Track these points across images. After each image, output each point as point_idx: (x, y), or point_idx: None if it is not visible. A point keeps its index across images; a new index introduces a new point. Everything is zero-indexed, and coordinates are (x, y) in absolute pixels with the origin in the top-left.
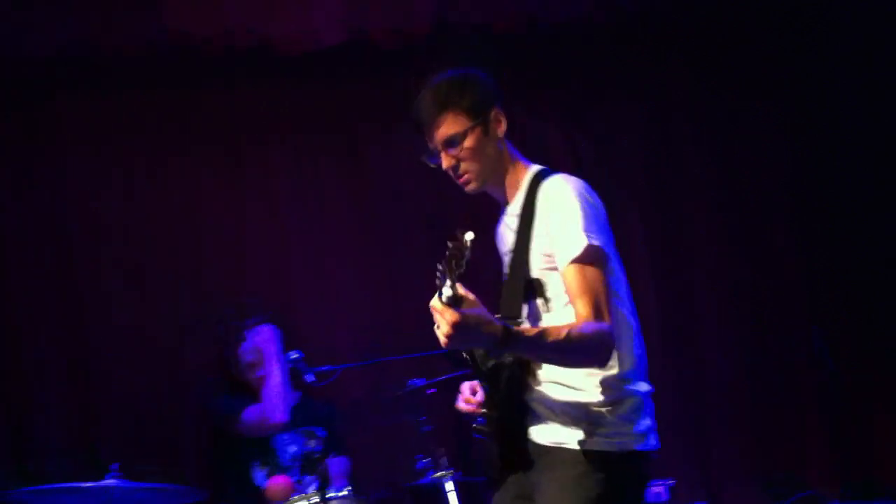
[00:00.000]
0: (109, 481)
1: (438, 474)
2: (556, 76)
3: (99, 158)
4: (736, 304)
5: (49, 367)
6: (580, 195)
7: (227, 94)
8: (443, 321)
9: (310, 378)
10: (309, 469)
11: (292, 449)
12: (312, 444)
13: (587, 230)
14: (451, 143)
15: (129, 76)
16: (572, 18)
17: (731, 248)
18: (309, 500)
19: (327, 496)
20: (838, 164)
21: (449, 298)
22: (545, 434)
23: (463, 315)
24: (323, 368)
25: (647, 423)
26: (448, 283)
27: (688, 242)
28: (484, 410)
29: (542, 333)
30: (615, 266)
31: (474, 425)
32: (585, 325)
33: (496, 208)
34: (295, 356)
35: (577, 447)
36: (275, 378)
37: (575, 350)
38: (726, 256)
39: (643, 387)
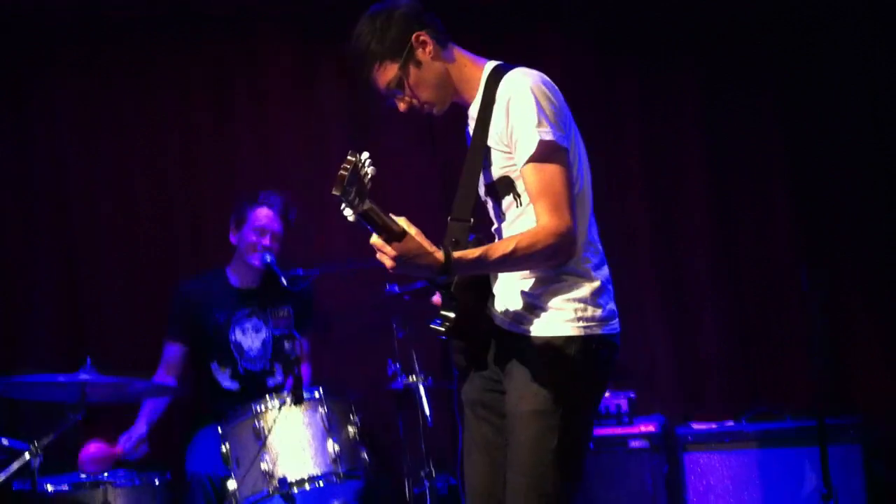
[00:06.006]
0: (83, 375)
1: (411, 379)
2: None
3: (91, 91)
4: (726, 240)
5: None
6: (535, 89)
7: (220, 25)
8: (384, 256)
9: (284, 282)
10: (285, 367)
11: (261, 337)
12: (282, 323)
13: (540, 127)
14: (394, 89)
15: (122, 17)
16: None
17: (722, 194)
18: (283, 401)
19: (301, 396)
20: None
21: (389, 233)
22: (508, 320)
23: (400, 251)
24: (297, 272)
25: (609, 306)
26: (345, 205)
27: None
28: (442, 311)
29: (485, 253)
30: (577, 157)
31: (430, 325)
32: (536, 233)
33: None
34: (269, 258)
35: (542, 334)
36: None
37: (526, 260)
38: (717, 202)
39: (603, 271)
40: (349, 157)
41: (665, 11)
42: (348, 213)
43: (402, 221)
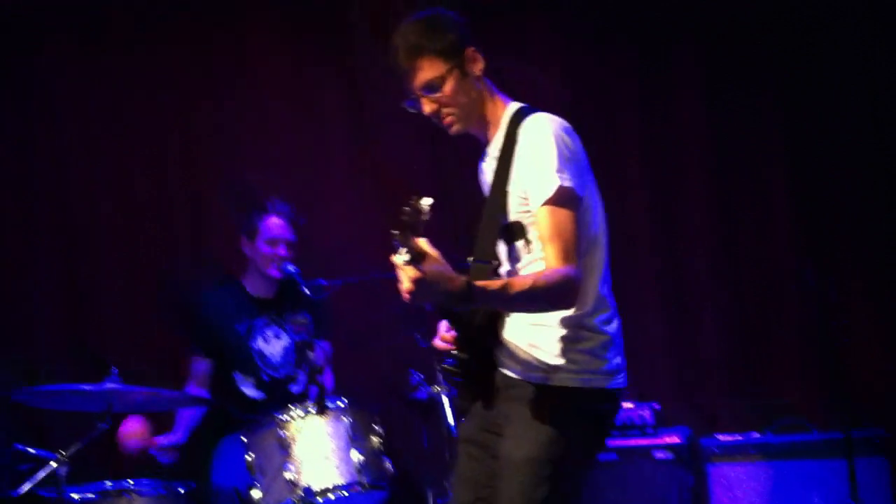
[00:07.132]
0: (109, 384)
1: (434, 389)
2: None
3: (91, 91)
4: (726, 240)
5: (43, 276)
6: (557, 136)
7: (220, 25)
8: (404, 278)
9: (306, 291)
10: (308, 376)
11: (282, 343)
12: (302, 330)
13: (559, 172)
14: (430, 88)
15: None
16: None
17: (722, 194)
18: (307, 410)
19: (325, 406)
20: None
21: (411, 254)
22: (514, 366)
23: (423, 273)
24: (320, 282)
25: (616, 361)
26: (404, 250)
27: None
28: (454, 351)
29: (506, 286)
30: (591, 206)
31: (443, 366)
32: (551, 274)
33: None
34: (292, 268)
35: (545, 382)
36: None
37: (539, 299)
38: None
39: (612, 325)
40: (413, 203)
41: (665, 11)
42: (403, 257)
43: (422, 243)
